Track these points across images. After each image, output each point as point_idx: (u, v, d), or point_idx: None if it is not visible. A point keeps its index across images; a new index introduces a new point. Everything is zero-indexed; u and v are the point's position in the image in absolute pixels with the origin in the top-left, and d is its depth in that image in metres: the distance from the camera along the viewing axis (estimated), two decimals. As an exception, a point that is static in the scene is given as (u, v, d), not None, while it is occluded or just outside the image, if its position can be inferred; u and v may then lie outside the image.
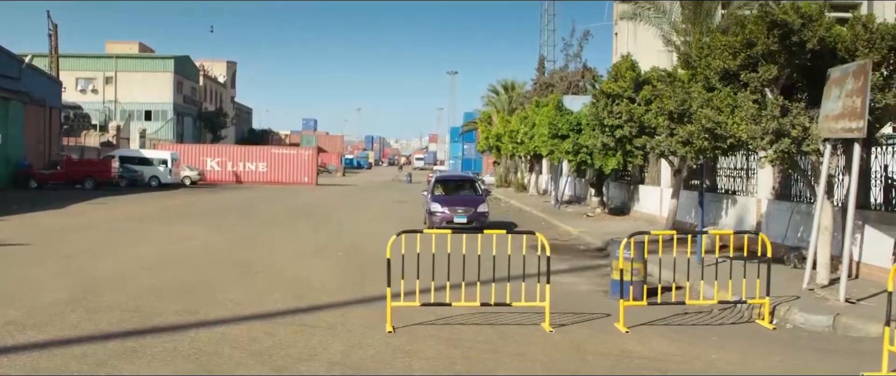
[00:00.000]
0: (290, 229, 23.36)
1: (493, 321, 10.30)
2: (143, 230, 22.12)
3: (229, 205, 34.56)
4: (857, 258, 12.85)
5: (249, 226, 24.35)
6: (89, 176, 42.70)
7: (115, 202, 34.28)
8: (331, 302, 11.63)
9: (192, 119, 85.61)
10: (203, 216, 27.90)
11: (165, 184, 48.46)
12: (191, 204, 34.97)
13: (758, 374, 8.18)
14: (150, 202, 35.12)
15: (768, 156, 11.60)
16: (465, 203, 22.25)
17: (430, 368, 8.11)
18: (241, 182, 58.69)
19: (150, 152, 51.54)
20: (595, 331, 9.91)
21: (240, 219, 27.21)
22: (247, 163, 59.88)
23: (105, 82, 78.78)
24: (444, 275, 10.37)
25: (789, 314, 10.44)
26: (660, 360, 8.61)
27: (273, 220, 26.58)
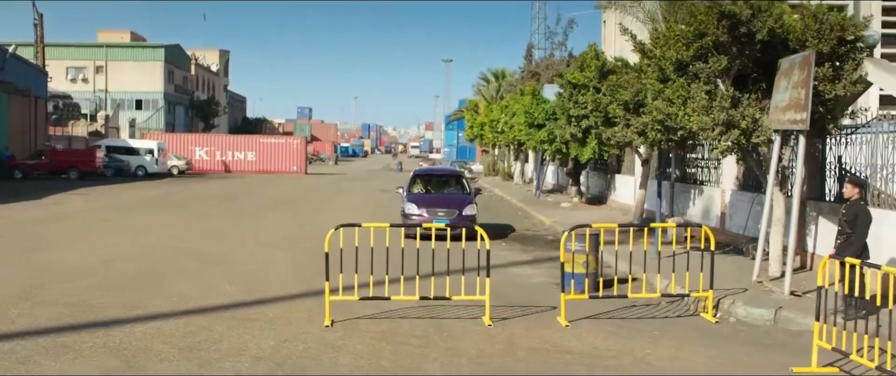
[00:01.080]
0: (264, 219, 23.30)
1: (435, 314, 10.25)
2: (116, 221, 22.05)
3: (211, 195, 34.50)
4: (812, 249, 12.79)
5: (224, 216, 24.29)
6: (73, 166, 42.60)
7: (96, 192, 34.21)
8: (279, 296, 11.57)
9: (183, 108, 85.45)
10: (181, 206, 27.84)
11: (152, 173, 48.37)
12: (172, 194, 34.90)
13: (680, 374, 8.11)
14: (132, 192, 35.04)
15: (719, 147, 11.53)
16: (448, 204, 18.47)
17: (355, 364, 8.06)
18: (229, 171, 58.59)
19: (137, 142, 51.46)
20: (535, 325, 9.86)
21: (217, 208, 27.15)
22: (235, 153, 59.76)
23: (96, 71, 78.58)
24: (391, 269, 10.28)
25: (733, 307, 10.40)
26: (591, 355, 8.56)
27: (250, 210, 26.51)
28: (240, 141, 61.92)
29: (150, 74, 77.91)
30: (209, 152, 59.53)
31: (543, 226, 22.46)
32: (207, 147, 59.93)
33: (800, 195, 11.03)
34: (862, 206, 9.63)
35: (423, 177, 20.73)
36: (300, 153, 60.39)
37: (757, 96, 11.72)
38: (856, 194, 9.64)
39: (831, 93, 11.09)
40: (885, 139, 11.05)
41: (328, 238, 9.91)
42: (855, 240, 9.50)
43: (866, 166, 11.60)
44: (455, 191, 20.01)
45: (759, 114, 11.47)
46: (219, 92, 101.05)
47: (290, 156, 60.01)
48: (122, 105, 75.51)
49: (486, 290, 9.97)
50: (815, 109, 11.61)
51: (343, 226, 10.18)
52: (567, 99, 17.04)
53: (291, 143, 61.52)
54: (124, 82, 77.67)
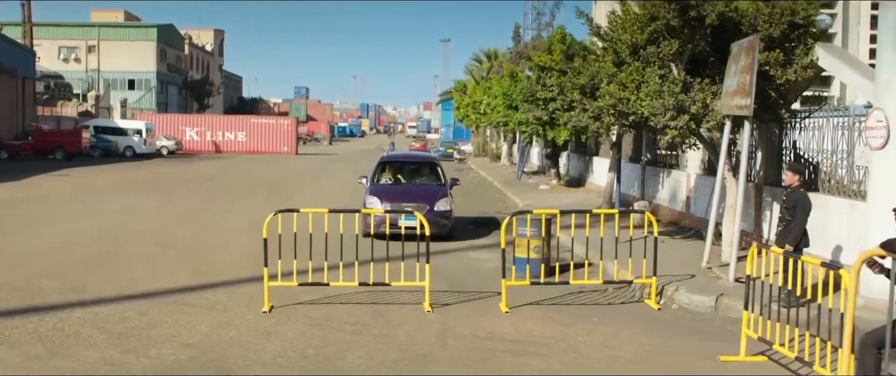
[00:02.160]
0: (239, 202, 23.23)
1: (377, 300, 10.21)
2: (91, 203, 21.98)
3: (194, 176, 34.44)
4: (767, 235, 12.73)
5: (199, 198, 24.22)
6: (60, 146, 42.50)
7: (79, 173, 34.15)
8: (227, 280, 11.53)
9: (177, 88, 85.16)
10: (160, 188, 27.77)
11: (140, 154, 48.26)
12: (156, 175, 34.82)
13: (603, 362, 8.07)
14: (115, 173, 34.98)
15: (669, 133, 11.44)
16: (417, 197, 15.59)
17: (280, 351, 8.03)
18: (220, 152, 58.49)
19: (125, 122, 51.36)
20: (475, 312, 9.82)
21: (196, 190, 27.10)
22: (226, 133, 59.65)
23: (88, 51, 78.22)
24: (337, 255, 10.21)
25: (676, 294, 10.36)
26: (522, 343, 8.52)
27: (228, 192, 26.46)
28: (230, 121, 61.78)
29: (143, 54, 77.57)
30: (199, 133, 59.40)
31: (516, 208, 22.37)
32: (198, 127, 59.79)
33: (745, 181, 10.94)
34: (802, 194, 9.55)
35: (391, 166, 17.66)
36: (291, 133, 60.27)
37: (710, 81, 11.61)
38: (796, 181, 9.57)
39: (783, 77, 10.99)
40: (834, 124, 10.95)
41: (266, 223, 9.88)
42: (794, 227, 9.43)
43: (818, 152, 11.51)
44: (427, 182, 17.16)
45: (711, 98, 11.37)
46: (213, 72, 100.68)
47: (281, 137, 59.89)
48: (114, 85, 75.21)
49: (426, 277, 9.91)
50: (768, 94, 11.52)
51: (281, 211, 10.16)
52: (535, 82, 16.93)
53: (282, 124, 61.38)
54: (117, 62, 77.34)
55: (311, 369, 7.50)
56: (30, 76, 49.37)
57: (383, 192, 15.73)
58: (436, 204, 15.23)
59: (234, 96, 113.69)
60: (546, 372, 7.52)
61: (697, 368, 7.70)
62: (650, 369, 7.66)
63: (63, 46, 77.33)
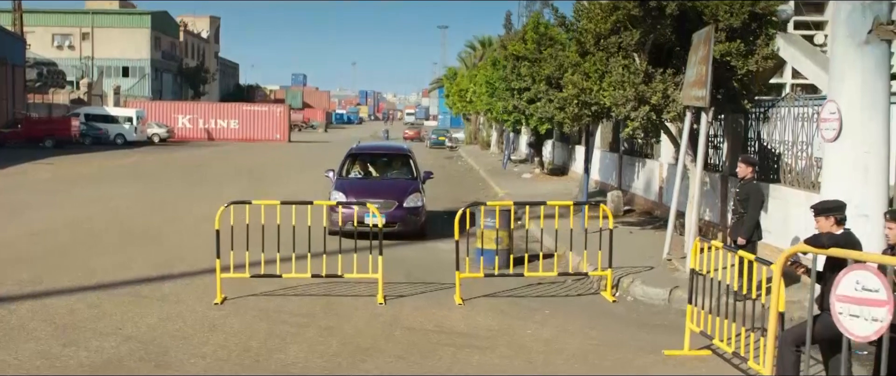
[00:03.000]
0: (219, 190, 23.10)
1: (331, 292, 10.18)
2: (69, 192, 21.93)
3: (180, 164, 34.37)
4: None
5: (180, 186, 24.16)
6: (49, 134, 42.44)
7: (65, 161, 34.09)
8: (187, 271, 11.50)
9: (171, 75, 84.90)
10: (143, 176, 27.72)
11: (131, 141, 48.19)
12: (142, 163, 34.75)
13: (547, 355, 8.04)
14: (102, 161, 34.91)
15: (630, 124, 11.37)
16: (386, 192, 14.69)
17: (223, 343, 8.01)
18: (212, 139, 58.41)
19: (116, 110, 51.25)
20: (428, 304, 9.78)
21: (177, 178, 27.03)
22: (219, 121, 59.55)
23: (82, 38, 77.89)
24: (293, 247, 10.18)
25: (632, 286, 10.32)
26: (468, 336, 8.50)
27: (209, 181, 26.38)
28: (222, 108, 61.69)
29: (137, 41, 77.20)
30: (192, 120, 59.31)
31: (496, 197, 22.32)
32: (190, 115, 59.71)
33: (702, 172, 10.88)
34: (755, 186, 9.50)
35: (360, 158, 16.63)
36: (283, 121, 60.18)
37: (674, 71, 11.53)
38: (749, 173, 9.50)
39: (744, 68, 10.91)
40: (795, 115, 10.87)
41: (218, 215, 9.85)
42: (747, 219, 9.38)
43: (780, 143, 11.44)
44: (398, 176, 16.16)
45: (673, 89, 11.29)
46: (209, 59, 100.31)
47: (274, 124, 59.80)
48: (107, 72, 74.92)
49: (378, 269, 9.87)
50: (731, 85, 11.45)
51: (233, 203, 10.15)
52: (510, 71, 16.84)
53: (274, 111, 61.28)
54: (111, 49, 76.99)
55: (249, 362, 7.48)
56: (19, 63, 49.21)
57: (350, 187, 14.96)
58: (405, 200, 14.49)
59: (230, 83, 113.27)
60: (484, 366, 7.49)
61: (638, 363, 7.67)
62: (589, 363, 7.63)
63: (57, 33, 76.97)
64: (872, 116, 8.80)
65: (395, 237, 14.05)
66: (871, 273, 5.15)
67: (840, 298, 5.31)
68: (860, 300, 5.20)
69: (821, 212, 6.03)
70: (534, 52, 16.62)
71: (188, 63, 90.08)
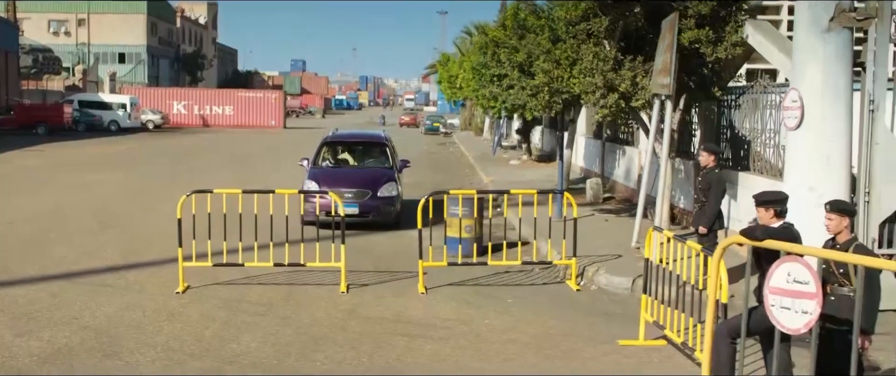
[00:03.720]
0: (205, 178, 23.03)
1: (295, 281, 10.15)
2: (52, 179, 21.89)
3: (169, 151, 34.30)
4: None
5: (166, 174, 24.12)
6: (42, 121, 42.37)
7: (56, 149, 34.05)
8: (155, 260, 11.46)
9: (168, 61, 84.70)
10: (131, 164, 27.69)
11: (125, 128, 48.11)
12: (133, 150, 34.71)
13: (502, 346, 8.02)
14: (93, 148, 34.86)
15: (600, 111, 11.31)
16: (360, 182, 14.38)
17: (178, 332, 8.01)
18: (207, 125, 58.33)
19: (110, 96, 51.11)
20: (391, 293, 9.76)
21: (165, 166, 26.99)
22: (213, 107, 59.47)
23: (78, 24, 77.65)
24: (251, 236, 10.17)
25: (597, 275, 10.29)
26: (424, 325, 8.48)
27: (197, 169, 26.31)
28: (218, 95, 61.61)
29: (133, 28, 76.93)
30: (187, 106, 59.24)
31: (481, 184, 22.30)
32: (185, 101, 59.62)
33: (668, 160, 10.84)
34: (717, 174, 9.45)
35: (335, 146, 16.30)
36: (278, 107, 60.08)
37: (644, 58, 11.44)
38: (711, 162, 9.44)
39: (712, 55, 10.83)
40: (764, 103, 10.80)
41: (180, 204, 9.83)
42: (708, 208, 9.33)
43: (750, 130, 11.38)
44: (374, 165, 15.71)
45: (642, 76, 11.22)
46: (207, 45, 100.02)
47: (269, 111, 59.71)
48: (104, 58, 74.76)
49: (341, 257, 9.84)
50: (701, 73, 11.39)
51: (196, 192, 10.12)
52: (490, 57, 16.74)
53: (269, 98, 61.18)
54: (107, 35, 76.75)
55: (199, 352, 7.47)
56: (13, 50, 49.09)
57: (323, 176, 14.60)
58: (380, 189, 14.17)
59: (228, 69, 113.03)
60: (435, 356, 7.48)
61: (590, 352, 7.64)
62: (541, 353, 7.60)
63: (52, 20, 76.71)
64: (834, 105, 8.74)
65: (368, 226, 14.05)
66: (802, 265, 5.11)
67: (773, 290, 5.27)
68: (791, 292, 5.16)
69: (761, 204, 5.98)
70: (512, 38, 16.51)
71: (185, 49, 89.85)
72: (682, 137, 13.16)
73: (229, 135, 48.50)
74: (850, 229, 5.81)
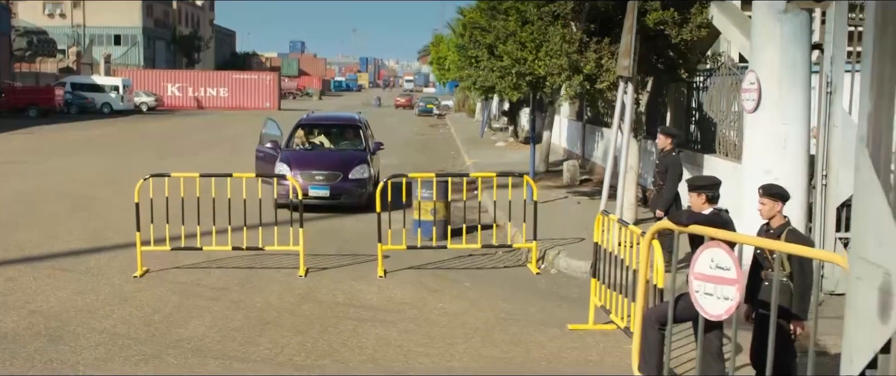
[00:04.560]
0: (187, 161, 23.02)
1: (254, 265, 10.14)
2: (32, 163, 21.83)
3: (157, 134, 34.22)
4: (673, 197, 12.58)
5: (150, 157, 24.00)
6: (32, 104, 42.27)
7: (44, 131, 34.02)
8: (118, 244, 11.41)
9: (165, 43, 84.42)
10: (116, 146, 27.64)
11: (118, 110, 48.00)
12: (121, 132, 34.64)
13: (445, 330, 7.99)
14: (81, 131, 34.82)
15: (566, 92, 11.23)
16: (331, 164, 14.36)
17: (127, 317, 8.00)
18: (202, 107, 58.22)
19: (102, 79, 50.99)
20: (349, 277, 9.74)
21: (150, 149, 26.90)
22: (208, 89, 59.34)
23: (73, 6, 77.31)
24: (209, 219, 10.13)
25: (557, 259, 10.26)
26: (377, 309, 8.45)
27: (181, 151, 26.25)
28: (212, 77, 61.45)
29: (128, 9, 76.53)
30: (181, 88, 59.12)
31: (464, 166, 22.24)
32: (180, 83, 59.51)
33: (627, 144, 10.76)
34: (674, 157, 9.38)
35: (308, 128, 16.15)
36: (273, 89, 59.95)
37: (610, 40, 11.34)
38: (668, 145, 9.38)
39: (678, 37, 10.73)
40: (730, 84, 10.71)
41: (137, 188, 9.81)
42: (665, 192, 9.28)
43: (717, 113, 11.30)
44: (347, 147, 15.65)
45: (609, 58, 11.12)
46: (204, 26, 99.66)
47: (263, 92, 59.58)
48: (99, 40, 74.48)
49: (299, 241, 9.81)
50: (668, 55, 11.29)
51: (154, 176, 10.10)
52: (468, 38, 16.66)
53: (264, 79, 61.04)
54: (102, 17, 76.39)
55: (144, 337, 7.45)
56: (5, 32, 48.91)
57: (295, 159, 14.49)
58: (351, 171, 14.16)
59: (227, 51, 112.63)
60: (380, 340, 7.45)
61: (537, 337, 7.60)
62: (488, 338, 7.57)
63: (48, 2, 76.41)
64: (791, 87, 8.65)
65: (340, 209, 14.03)
66: (723, 251, 5.06)
67: (697, 276, 5.23)
68: (714, 278, 5.11)
69: (692, 189, 5.93)
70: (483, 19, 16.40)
71: (182, 31, 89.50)
72: (653, 119, 13.09)
73: (221, 117, 48.40)
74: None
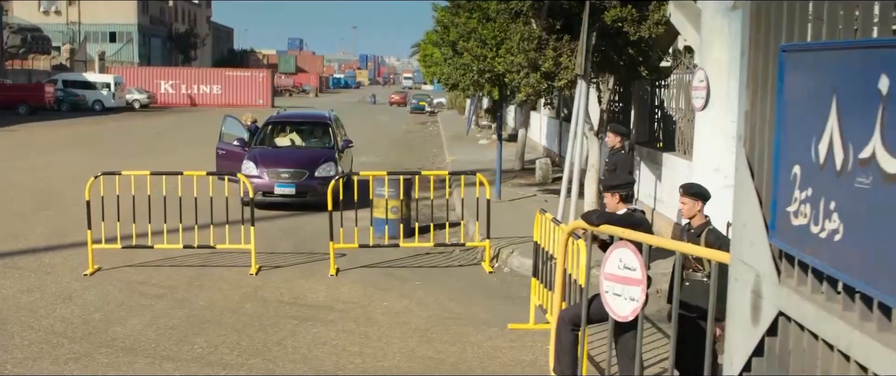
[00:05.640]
0: (168, 157, 23.03)
1: (208, 263, 10.12)
2: (13, 160, 21.81)
3: (144, 131, 34.21)
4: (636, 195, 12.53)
5: (131, 154, 24.02)
6: (22, 101, 42.23)
7: (30, 128, 33.98)
8: (77, 242, 11.34)
9: (161, 40, 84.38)
10: (100, 144, 27.58)
11: (109, 107, 47.96)
12: (109, 129, 34.60)
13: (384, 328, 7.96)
14: (69, 128, 34.78)
15: (523, 90, 11.19)
16: (298, 162, 14.37)
17: (67, 315, 7.98)
18: (195, 105, 58.17)
19: (94, 76, 50.93)
20: (300, 275, 9.71)
21: (134, 146, 26.90)
22: (201, 86, 59.30)
23: (68, 4, 77.29)
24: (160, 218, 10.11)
25: (510, 257, 10.22)
26: (321, 308, 8.43)
27: (164, 148, 26.26)
28: (205, 74, 61.42)
29: (124, 6, 76.50)
30: (175, 86, 59.09)
31: (443, 165, 22.20)
32: (173, 80, 59.46)
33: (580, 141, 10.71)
34: (623, 156, 9.35)
35: (277, 126, 16.13)
36: (266, 86, 59.92)
37: (570, 37, 11.28)
38: (617, 143, 9.34)
39: (636, 34, 10.67)
40: (686, 83, 10.66)
41: (88, 186, 9.80)
42: (614, 190, 9.21)
43: (676, 110, 11.25)
44: (315, 145, 15.61)
45: (568, 56, 11.07)
46: (201, 23, 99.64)
47: (256, 89, 59.55)
48: (94, 38, 74.43)
49: (251, 239, 9.79)
50: (627, 53, 11.24)
51: (105, 173, 10.08)
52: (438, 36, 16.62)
53: (257, 76, 61.00)
54: (98, 15, 76.38)
55: (81, 335, 7.43)
56: (-4, 29, 48.86)
57: (261, 157, 14.50)
58: (317, 169, 14.14)
59: (224, 48, 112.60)
60: (316, 339, 7.41)
61: (474, 337, 7.56)
62: (425, 337, 7.53)
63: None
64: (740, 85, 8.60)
65: (307, 206, 14.01)
66: (630, 251, 5.02)
67: (607, 276, 5.18)
68: (622, 278, 5.07)
69: (606, 189, 5.89)
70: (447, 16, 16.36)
71: (178, 28, 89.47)
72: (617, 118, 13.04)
73: (211, 114, 48.30)
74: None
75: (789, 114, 3.50)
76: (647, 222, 5.73)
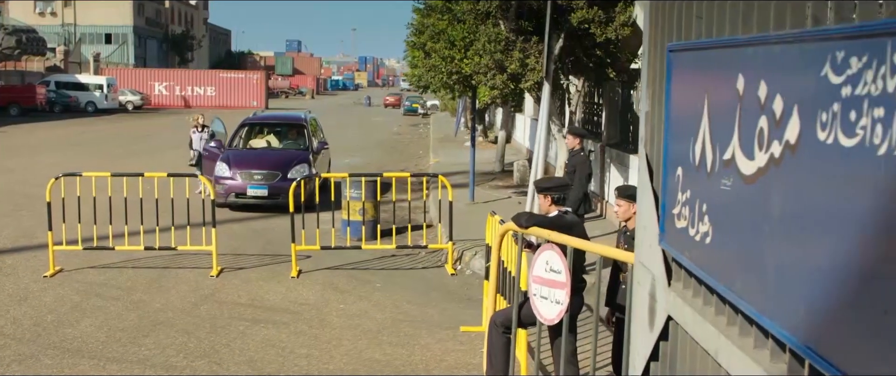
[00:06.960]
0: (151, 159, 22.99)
1: (170, 265, 10.10)
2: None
3: (131, 132, 34.13)
4: (607, 197, 12.54)
5: (115, 155, 23.98)
6: (14, 102, 42.22)
7: (18, 130, 33.97)
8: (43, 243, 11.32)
9: (156, 42, 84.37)
10: (85, 145, 27.58)
11: (102, 109, 47.94)
12: (96, 131, 34.55)
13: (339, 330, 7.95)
14: (58, 129, 34.79)
15: (490, 91, 11.18)
16: (270, 164, 14.35)
17: (20, 316, 7.98)
18: (189, 106, 58.01)
19: (86, 77, 50.93)
20: (261, 277, 9.69)
21: (119, 147, 26.87)
22: (195, 88, 59.27)
23: (64, 5, 77.31)
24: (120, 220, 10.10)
25: (473, 259, 10.20)
26: (275, 310, 8.41)
27: (150, 150, 26.19)
28: (199, 76, 61.39)
29: (119, 8, 76.51)
30: (168, 87, 59.06)
31: (427, 166, 22.19)
32: (167, 82, 59.43)
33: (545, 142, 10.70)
34: (582, 158, 9.33)
35: (252, 127, 16.12)
36: (260, 88, 59.88)
37: (537, 39, 11.27)
38: (576, 144, 9.32)
39: (602, 36, 10.66)
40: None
41: (48, 188, 9.79)
42: (572, 192, 9.18)
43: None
44: (290, 147, 15.52)
45: (536, 57, 11.06)
46: (198, 25, 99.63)
47: (250, 92, 59.52)
48: (90, 39, 74.41)
49: (213, 241, 9.77)
50: (595, 54, 11.23)
51: (65, 174, 10.08)
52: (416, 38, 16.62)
53: (251, 78, 60.96)
54: (93, 16, 76.39)
55: (30, 336, 7.41)
56: (-12, 30, 48.84)
57: (235, 159, 14.43)
58: (290, 171, 14.05)
59: (221, 50, 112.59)
60: (266, 341, 7.40)
61: (427, 340, 7.55)
62: (376, 340, 7.52)
63: (39, 0, 76.40)
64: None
65: (279, 208, 13.96)
66: (556, 254, 5.00)
67: (534, 279, 5.17)
68: (548, 281, 5.06)
69: (539, 191, 5.87)
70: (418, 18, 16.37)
71: (174, 30, 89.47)
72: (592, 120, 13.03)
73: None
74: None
75: (674, 114, 3.49)
76: (580, 224, 5.72)
